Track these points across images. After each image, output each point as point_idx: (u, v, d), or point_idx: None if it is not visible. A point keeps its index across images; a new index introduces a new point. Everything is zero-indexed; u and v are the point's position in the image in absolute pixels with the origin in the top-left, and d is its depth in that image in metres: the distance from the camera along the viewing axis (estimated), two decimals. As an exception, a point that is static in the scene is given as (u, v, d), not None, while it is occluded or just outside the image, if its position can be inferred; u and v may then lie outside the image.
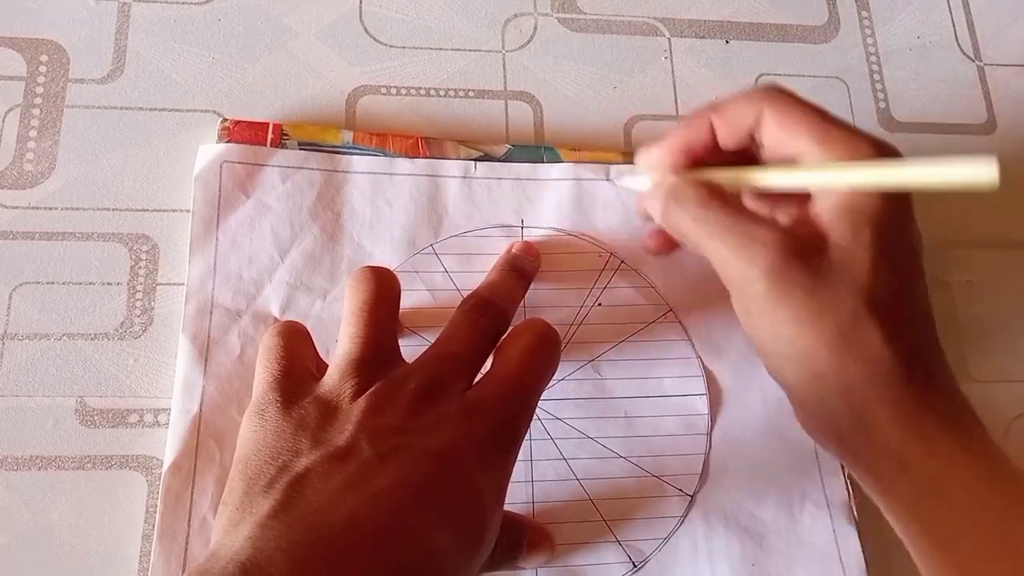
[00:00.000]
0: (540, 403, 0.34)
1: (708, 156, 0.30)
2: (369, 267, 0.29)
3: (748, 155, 0.29)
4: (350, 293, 0.29)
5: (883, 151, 0.27)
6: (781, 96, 0.28)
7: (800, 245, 0.26)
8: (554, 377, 0.34)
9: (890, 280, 0.26)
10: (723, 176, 0.29)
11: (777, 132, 0.28)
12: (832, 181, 0.27)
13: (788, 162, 0.28)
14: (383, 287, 0.29)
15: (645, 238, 0.33)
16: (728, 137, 0.29)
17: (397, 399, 0.25)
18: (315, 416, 0.25)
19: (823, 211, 0.27)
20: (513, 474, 0.33)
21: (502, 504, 0.26)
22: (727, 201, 0.28)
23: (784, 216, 0.29)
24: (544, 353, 0.29)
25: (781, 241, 0.26)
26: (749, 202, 0.31)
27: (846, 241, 0.26)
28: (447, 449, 0.24)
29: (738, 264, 0.27)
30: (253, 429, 0.26)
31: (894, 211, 0.26)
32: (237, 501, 0.24)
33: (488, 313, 0.30)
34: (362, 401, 0.25)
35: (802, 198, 0.28)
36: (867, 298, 0.26)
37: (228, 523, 0.23)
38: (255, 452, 0.25)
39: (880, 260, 0.26)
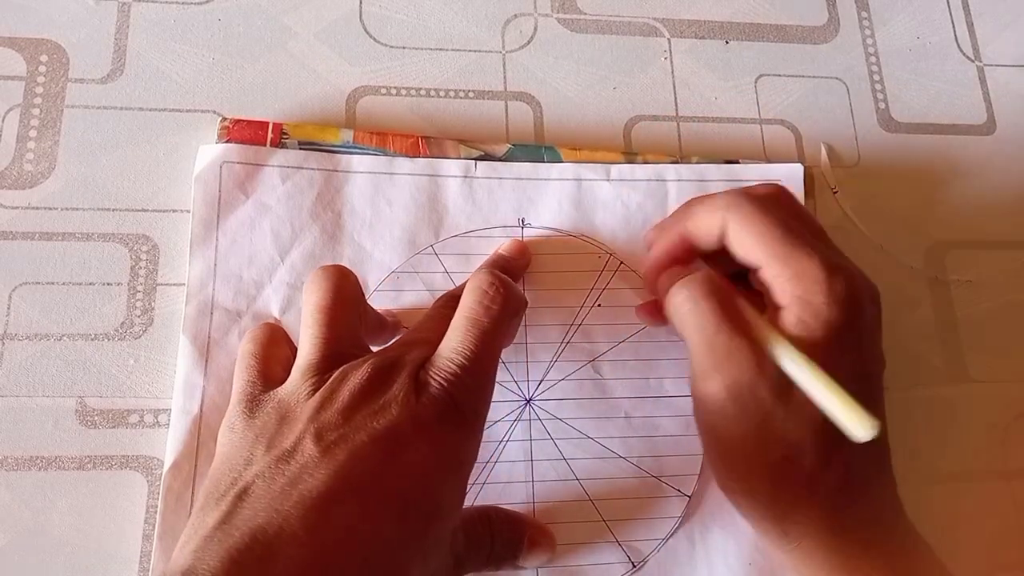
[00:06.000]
0: (540, 403, 0.34)
1: (691, 256, 0.32)
2: (323, 267, 0.29)
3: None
4: (305, 296, 0.28)
5: (832, 275, 0.28)
6: (741, 206, 0.29)
7: (769, 368, 0.28)
8: (554, 377, 0.34)
9: None
10: (746, 309, 0.29)
11: (739, 243, 0.30)
12: (817, 393, 0.27)
13: (750, 267, 0.30)
14: (338, 285, 0.28)
15: (638, 307, 0.35)
16: (703, 245, 0.31)
17: (346, 390, 0.25)
18: (273, 422, 0.25)
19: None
20: (513, 474, 0.33)
21: (463, 487, 0.26)
22: (728, 303, 0.29)
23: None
24: (491, 315, 0.27)
25: (753, 364, 0.27)
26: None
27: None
28: (388, 431, 0.24)
29: (709, 365, 0.28)
30: (222, 444, 0.26)
31: (853, 334, 0.28)
32: (193, 518, 0.24)
33: (453, 304, 0.29)
34: (314, 400, 0.25)
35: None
36: (818, 427, 0.27)
37: (183, 541, 0.23)
38: (218, 466, 0.25)
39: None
